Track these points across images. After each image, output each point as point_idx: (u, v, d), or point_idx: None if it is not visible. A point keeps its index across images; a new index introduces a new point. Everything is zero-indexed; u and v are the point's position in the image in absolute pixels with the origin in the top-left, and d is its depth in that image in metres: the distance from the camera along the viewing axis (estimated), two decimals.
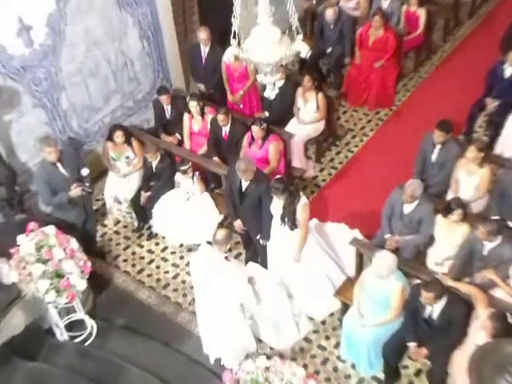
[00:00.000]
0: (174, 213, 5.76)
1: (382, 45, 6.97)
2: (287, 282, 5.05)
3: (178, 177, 5.82)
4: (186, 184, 5.75)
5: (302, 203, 4.73)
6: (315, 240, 5.05)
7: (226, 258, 4.44)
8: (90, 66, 5.99)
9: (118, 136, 5.92)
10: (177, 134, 6.54)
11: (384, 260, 4.30)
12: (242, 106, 6.62)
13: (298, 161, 6.49)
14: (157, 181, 5.94)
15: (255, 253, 5.47)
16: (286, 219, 4.76)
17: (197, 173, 5.80)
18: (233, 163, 5.14)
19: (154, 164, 5.93)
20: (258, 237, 5.15)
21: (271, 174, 5.47)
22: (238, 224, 5.20)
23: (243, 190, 5.05)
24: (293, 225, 4.76)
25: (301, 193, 4.86)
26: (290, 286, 5.09)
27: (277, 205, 4.81)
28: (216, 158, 6.18)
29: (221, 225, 5.63)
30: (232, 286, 4.43)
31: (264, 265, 5.11)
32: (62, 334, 4.87)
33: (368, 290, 4.51)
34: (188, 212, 5.71)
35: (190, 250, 5.75)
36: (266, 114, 6.45)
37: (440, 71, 7.61)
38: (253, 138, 5.82)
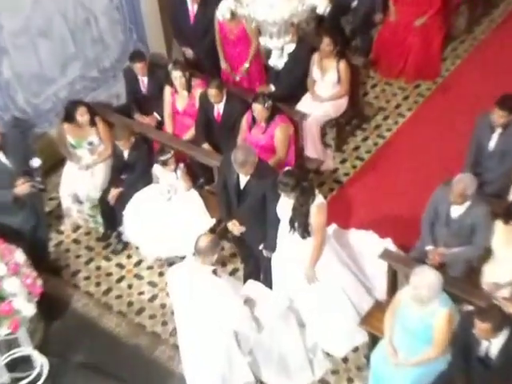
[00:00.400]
0: (152, 216, 5.79)
1: None
2: (298, 306, 5.09)
3: (157, 169, 5.85)
4: (167, 179, 5.78)
5: (318, 204, 4.74)
6: (334, 252, 5.05)
7: (215, 271, 4.47)
8: (40, 23, 5.91)
9: (80, 115, 5.95)
10: (155, 114, 6.63)
11: (425, 279, 4.25)
12: (238, 79, 6.67)
13: (312, 149, 6.52)
14: (129, 174, 5.99)
15: (256, 268, 5.47)
16: (297, 224, 4.77)
17: (181, 165, 5.83)
18: (228, 152, 5.14)
19: (126, 153, 5.99)
20: (261, 247, 5.16)
21: (278, 167, 5.50)
22: (233, 224, 5.15)
23: (241, 187, 5.07)
24: (305, 232, 4.78)
25: (316, 191, 4.86)
26: (302, 312, 5.13)
27: (285, 206, 4.83)
28: (206, 146, 6.21)
29: (212, 231, 5.60)
30: (223, 309, 4.45)
31: (268, 284, 5.12)
32: (1, 376, 4.87)
33: (404, 319, 4.50)
34: (169, 215, 5.72)
35: (171, 264, 5.63)
36: (272, 87, 6.52)
37: (502, 32, 7.58)
38: (254, 119, 5.85)
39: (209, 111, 6.13)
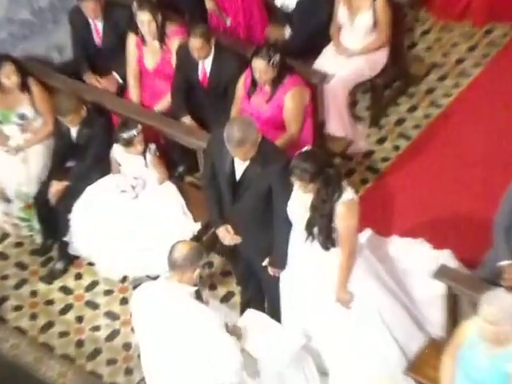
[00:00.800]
0: (111, 220, 5.89)
1: None
2: (318, 345, 5.14)
3: (118, 153, 5.92)
4: (133, 166, 5.87)
5: (347, 201, 4.77)
6: (368, 268, 5.15)
7: (198, 294, 4.52)
8: None
9: (5, 76, 5.98)
10: (115, 75, 6.67)
11: (501, 308, 4.26)
12: (228, 23, 6.74)
13: (337, 124, 6.51)
14: (78, 161, 6.04)
15: (258, 292, 5.57)
16: (317, 230, 4.81)
17: (152, 146, 5.90)
18: (218, 129, 5.16)
19: (74, 130, 6.02)
20: (265, 263, 5.20)
21: (289, 149, 5.53)
22: (226, 230, 5.26)
23: (238, 177, 5.08)
24: (328, 240, 4.83)
25: (344, 182, 4.87)
26: (324, 354, 5.17)
27: (300, 203, 4.86)
28: (187, 120, 6.24)
29: (196, 240, 5.68)
30: (210, 351, 4.48)
31: (275, 314, 5.21)
32: None
33: (469, 365, 4.48)
34: (136, 218, 5.83)
35: (138, 286, 5.30)
36: (287, 31, 6.55)
37: None
38: (255, 82, 5.83)
39: (191, 71, 6.18)
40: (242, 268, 5.69)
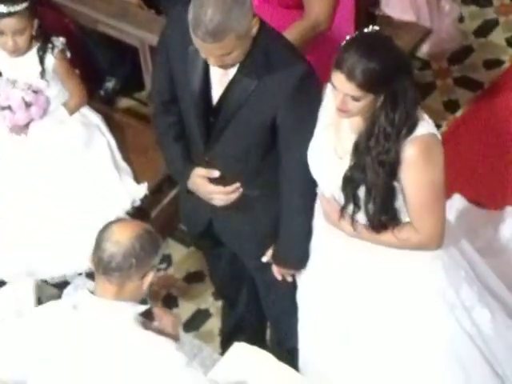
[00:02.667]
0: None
1: None
2: None
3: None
4: (19, 74, 4.99)
5: (421, 137, 3.87)
6: (458, 264, 4.26)
7: (147, 316, 3.71)
8: None
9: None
10: None
11: None
12: None
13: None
14: None
15: (254, 310, 4.81)
16: (366, 191, 4.01)
17: (58, 40, 4.98)
18: (178, 6, 4.25)
19: None
20: (267, 257, 4.38)
21: (311, 46, 4.77)
22: (203, 179, 4.37)
23: (215, 98, 4.20)
24: (386, 211, 3.98)
25: (418, 108, 3.95)
26: None
27: (333, 141, 4.06)
28: None
29: (142, 215, 4.92)
30: None
31: (286, 350, 4.69)
32: None
33: None
34: (32, 177, 5.08)
35: (42, 301, 4.58)
36: None
37: None
38: None
39: None
40: (223, 267, 4.81)
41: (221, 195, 4.32)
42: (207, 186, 4.27)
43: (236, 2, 3.74)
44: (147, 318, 3.67)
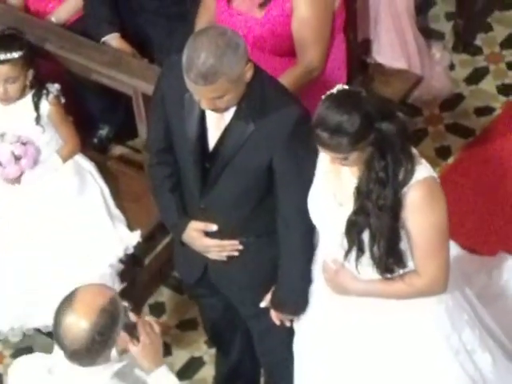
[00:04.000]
0: None
1: None
2: None
3: None
4: (13, 124, 5.00)
5: (423, 180, 3.92)
6: (462, 307, 4.29)
7: (125, 372, 3.61)
8: None
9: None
10: None
11: None
12: None
13: (393, 45, 5.57)
14: None
15: (250, 359, 4.79)
16: (370, 237, 4.00)
17: (53, 86, 4.99)
18: (174, 54, 4.31)
19: None
20: (265, 303, 4.34)
21: (304, 91, 4.85)
22: (199, 232, 4.37)
23: (211, 144, 4.23)
24: (392, 256, 3.98)
25: (414, 151, 3.97)
26: None
27: (333, 189, 4.09)
28: (115, 38, 5.28)
29: (135, 263, 5.05)
30: None
31: None
32: None
33: None
34: (20, 224, 5.05)
35: (21, 354, 4.38)
36: None
37: None
38: None
39: None
40: (217, 316, 4.71)
41: (217, 248, 4.33)
42: (203, 239, 4.27)
43: (229, 47, 3.77)
44: (131, 333, 3.56)
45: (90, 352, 3.35)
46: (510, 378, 4.33)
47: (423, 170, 3.79)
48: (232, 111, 3.95)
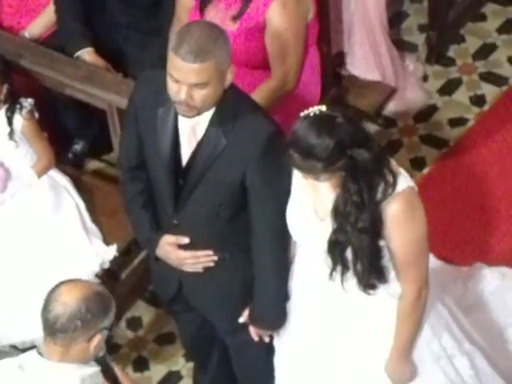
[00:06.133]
0: None
1: None
2: None
3: None
4: None
5: (402, 191, 3.93)
6: (440, 313, 4.38)
7: (106, 373, 3.76)
8: None
9: None
10: None
11: None
12: None
13: (367, 58, 5.65)
14: None
15: (227, 374, 4.81)
16: (353, 254, 4.01)
17: (27, 101, 4.99)
18: (148, 70, 4.53)
19: None
20: (243, 318, 4.37)
21: (278, 106, 4.93)
22: (172, 246, 4.39)
23: (184, 158, 4.23)
24: (375, 273, 4.02)
25: (393, 162, 3.99)
26: None
27: (312, 204, 4.06)
28: (89, 53, 5.25)
29: (111, 277, 5.04)
30: None
31: None
32: None
33: None
34: (6, 239, 5.02)
35: None
36: None
37: None
38: None
39: None
40: (194, 331, 4.73)
41: (192, 260, 4.30)
42: (177, 252, 4.26)
43: (222, 36, 3.80)
44: (107, 375, 3.68)
45: (70, 322, 3.37)
46: (489, 381, 4.37)
47: (402, 181, 3.78)
48: (204, 126, 3.92)
